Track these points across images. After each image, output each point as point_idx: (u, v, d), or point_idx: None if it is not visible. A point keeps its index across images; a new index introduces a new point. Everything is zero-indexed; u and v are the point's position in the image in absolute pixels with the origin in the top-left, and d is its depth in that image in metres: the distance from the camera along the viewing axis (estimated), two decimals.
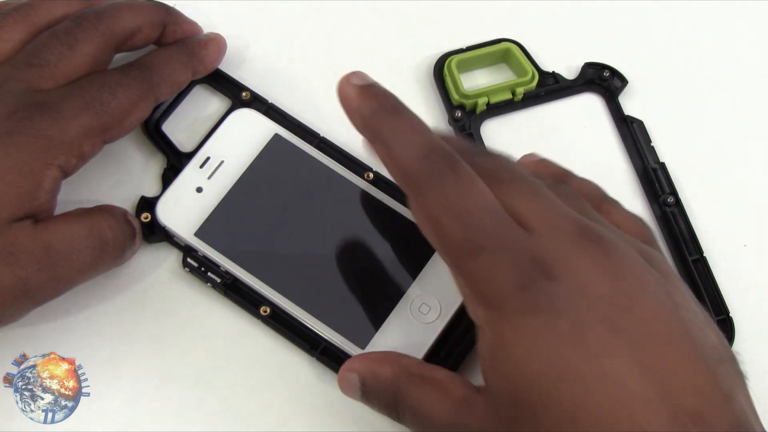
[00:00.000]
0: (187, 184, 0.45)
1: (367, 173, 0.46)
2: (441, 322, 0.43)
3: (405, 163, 0.36)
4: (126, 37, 0.44)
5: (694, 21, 0.52)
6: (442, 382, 0.38)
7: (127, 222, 0.43)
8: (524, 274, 0.34)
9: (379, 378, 0.39)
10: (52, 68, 0.41)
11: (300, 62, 0.50)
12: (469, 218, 0.35)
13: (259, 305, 0.44)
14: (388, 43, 0.51)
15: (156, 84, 0.44)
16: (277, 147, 0.46)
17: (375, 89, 0.37)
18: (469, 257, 0.35)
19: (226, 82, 0.48)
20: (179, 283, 0.45)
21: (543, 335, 0.34)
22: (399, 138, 0.36)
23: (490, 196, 0.36)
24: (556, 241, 0.35)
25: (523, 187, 0.37)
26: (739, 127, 0.50)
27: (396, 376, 0.38)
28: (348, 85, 0.37)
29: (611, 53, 0.50)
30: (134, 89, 0.42)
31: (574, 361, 0.33)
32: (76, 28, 0.43)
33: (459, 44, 0.49)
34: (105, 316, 0.45)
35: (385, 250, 0.45)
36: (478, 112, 0.48)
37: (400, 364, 0.39)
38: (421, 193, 0.36)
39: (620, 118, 0.49)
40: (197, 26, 0.47)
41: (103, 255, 0.42)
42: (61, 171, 0.40)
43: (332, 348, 0.43)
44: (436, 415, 0.37)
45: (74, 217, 0.41)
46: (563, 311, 0.34)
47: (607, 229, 0.36)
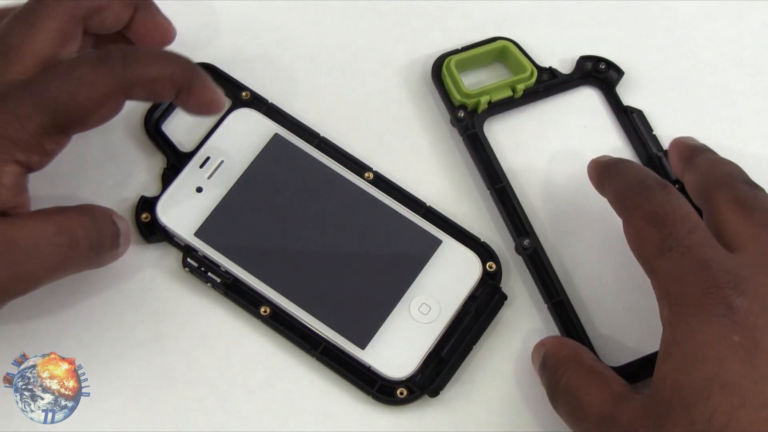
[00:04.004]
0: (187, 184, 0.45)
1: (367, 173, 0.46)
2: (441, 322, 0.43)
3: (623, 187, 0.41)
4: (93, 10, 0.42)
5: (686, 6, 0.52)
6: (607, 376, 0.39)
7: (111, 222, 0.42)
8: (710, 279, 0.36)
9: (557, 356, 0.41)
10: (16, 51, 0.40)
11: (300, 62, 0.50)
12: (665, 222, 0.38)
13: (259, 305, 0.44)
14: (385, 44, 0.50)
15: (129, 84, 0.40)
16: (277, 147, 0.46)
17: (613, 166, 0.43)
18: (660, 257, 0.38)
19: (226, 82, 0.48)
20: (179, 283, 0.45)
21: (716, 342, 0.35)
22: (620, 171, 0.42)
23: (691, 209, 0.39)
24: (753, 261, 0.37)
25: (733, 205, 0.39)
26: (739, 110, 0.50)
27: (569, 358, 0.40)
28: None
29: (605, 45, 0.50)
30: (99, 90, 0.39)
31: (740, 378, 0.35)
32: (38, 5, 0.41)
33: (451, 45, 0.49)
34: (105, 316, 0.45)
35: (385, 250, 0.45)
36: (479, 111, 0.48)
37: (577, 351, 0.41)
38: (630, 207, 0.40)
39: (620, 109, 0.49)
40: (170, 24, 0.46)
41: (71, 254, 0.40)
42: (21, 167, 0.39)
43: (332, 348, 0.43)
44: (590, 404, 0.38)
45: (44, 215, 0.40)
46: (741, 326, 0.35)
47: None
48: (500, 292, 0.44)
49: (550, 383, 0.41)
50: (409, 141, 0.48)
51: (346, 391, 0.44)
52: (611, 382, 0.39)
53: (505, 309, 0.45)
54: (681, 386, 0.35)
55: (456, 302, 0.44)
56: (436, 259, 0.44)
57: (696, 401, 0.35)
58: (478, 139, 0.47)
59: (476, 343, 0.44)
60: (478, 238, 0.45)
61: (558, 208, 0.47)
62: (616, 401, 0.38)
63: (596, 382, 0.39)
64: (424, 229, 0.45)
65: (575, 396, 0.39)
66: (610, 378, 0.39)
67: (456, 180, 0.47)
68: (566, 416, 0.40)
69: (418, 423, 0.43)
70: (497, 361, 0.44)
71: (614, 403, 0.38)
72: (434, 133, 0.49)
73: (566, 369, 0.40)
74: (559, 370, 0.40)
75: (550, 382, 0.41)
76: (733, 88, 0.50)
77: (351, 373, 0.43)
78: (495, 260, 0.45)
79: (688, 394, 0.35)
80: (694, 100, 0.50)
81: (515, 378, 0.44)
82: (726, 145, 0.45)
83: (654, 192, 0.39)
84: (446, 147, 0.48)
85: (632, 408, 0.37)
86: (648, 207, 0.39)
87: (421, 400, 0.43)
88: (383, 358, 0.43)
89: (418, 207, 0.46)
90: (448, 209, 0.46)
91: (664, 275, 0.37)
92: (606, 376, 0.39)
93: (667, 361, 0.36)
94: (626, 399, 0.37)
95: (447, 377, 0.43)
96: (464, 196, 0.47)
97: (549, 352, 0.42)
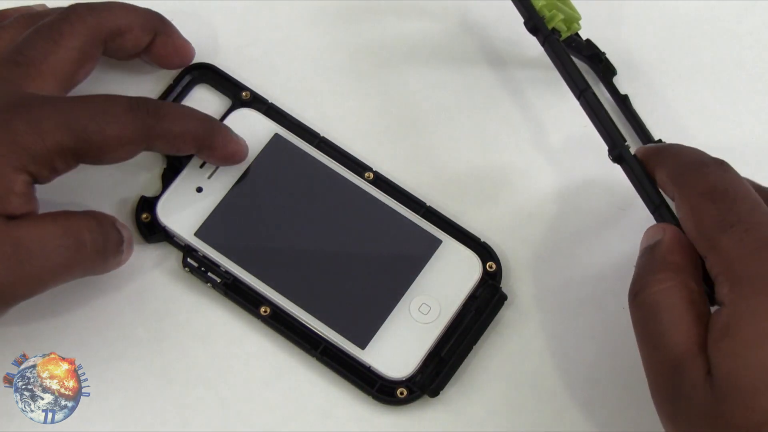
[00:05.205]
0: (187, 184, 0.45)
1: (367, 173, 0.46)
2: (441, 322, 0.43)
3: (678, 165, 0.39)
4: (114, 33, 0.43)
5: (686, 6, 0.51)
6: (701, 317, 0.36)
7: (115, 229, 0.42)
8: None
9: (666, 258, 0.38)
10: (37, 66, 0.41)
11: (300, 62, 0.50)
12: (725, 198, 0.37)
13: (259, 305, 0.44)
14: (384, 44, 0.50)
15: (155, 136, 0.41)
16: (277, 147, 0.46)
17: None
18: (721, 233, 0.36)
19: (226, 82, 0.48)
20: (179, 283, 0.45)
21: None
22: (673, 150, 0.40)
23: (749, 187, 0.38)
24: None
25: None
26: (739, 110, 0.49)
27: (678, 269, 0.37)
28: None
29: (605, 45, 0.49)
30: (128, 132, 0.40)
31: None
32: (61, 21, 0.42)
33: None
34: (105, 316, 0.45)
35: (385, 249, 0.45)
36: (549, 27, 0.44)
37: (689, 268, 0.38)
38: (687, 183, 0.38)
39: (618, 98, 0.48)
40: (190, 45, 0.47)
41: (78, 257, 0.40)
42: (32, 177, 0.39)
43: (332, 348, 0.43)
44: (669, 340, 0.36)
45: (51, 217, 0.40)
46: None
47: None
48: (500, 292, 0.44)
49: (641, 280, 0.38)
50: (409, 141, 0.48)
51: (346, 391, 0.44)
52: (700, 326, 0.36)
53: (505, 309, 0.45)
54: (739, 371, 0.34)
55: (456, 302, 0.44)
56: (436, 259, 0.44)
57: (754, 390, 0.33)
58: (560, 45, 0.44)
59: (476, 343, 0.44)
60: (478, 238, 0.45)
61: None
62: (692, 353, 0.36)
63: (689, 317, 0.36)
64: (424, 229, 0.45)
65: (659, 319, 0.37)
66: (702, 320, 0.36)
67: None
68: (636, 324, 0.38)
69: (418, 423, 0.43)
70: (497, 361, 0.44)
71: (690, 354, 0.36)
72: None
73: (666, 281, 0.37)
74: (660, 274, 0.38)
75: (643, 280, 0.38)
76: (733, 88, 0.50)
77: (351, 373, 0.43)
78: (495, 260, 0.45)
79: (746, 381, 0.34)
80: (694, 100, 0.50)
81: (515, 378, 0.44)
82: (726, 145, 0.45)
83: (711, 168, 0.38)
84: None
85: (698, 371, 0.35)
86: (706, 183, 0.38)
87: (421, 400, 0.43)
88: (383, 358, 0.43)
89: (418, 207, 0.46)
90: (448, 209, 0.46)
91: (726, 252, 0.36)
92: (700, 316, 0.36)
93: (725, 340, 0.35)
94: (698, 356, 0.35)
95: (447, 377, 0.43)
96: (464, 194, 0.47)
97: (664, 247, 0.38)
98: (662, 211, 0.40)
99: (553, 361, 0.44)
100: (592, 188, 0.45)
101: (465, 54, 0.50)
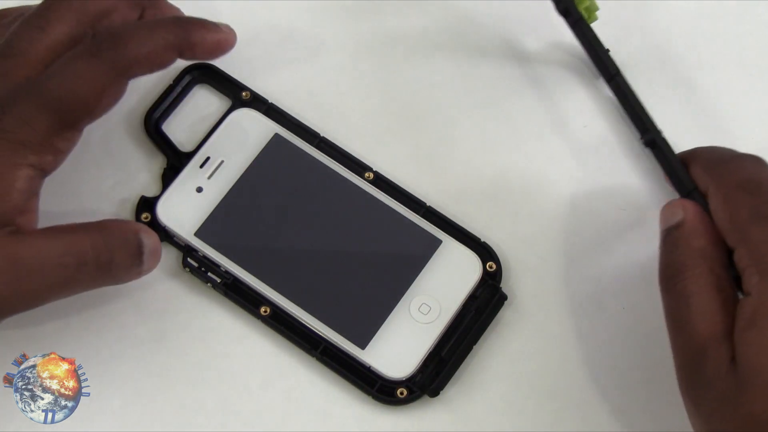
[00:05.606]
0: (187, 184, 0.46)
1: (367, 173, 0.46)
2: (441, 322, 0.43)
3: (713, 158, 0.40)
4: (101, 14, 0.42)
5: (686, 6, 0.51)
6: (727, 302, 0.36)
7: (130, 241, 0.41)
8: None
9: (689, 243, 0.38)
10: (26, 56, 0.40)
11: (300, 62, 0.50)
12: (760, 190, 0.37)
13: (259, 305, 0.44)
14: (384, 44, 0.50)
15: (128, 66, 0.40)
16: (277, 147, 0.46)
17: None
18: (754, 224, 0.36)
19: (226, 81, 0.48)
20: (179, 283, 0.45)
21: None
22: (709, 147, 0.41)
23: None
24: None
25: None
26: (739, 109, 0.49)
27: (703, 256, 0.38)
28: None
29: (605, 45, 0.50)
30: (98, 81, 0.40)
31: None
32: (47, 9, 0.41)
33: None
34: (105, 316, 0.45)
35: (385, 249, 0.45)
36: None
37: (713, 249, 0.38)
38: (723, 174, 0.38)
39: None
40: (177, 11, 0.46)
41: (78, 276, 0.39)
42: (36, 170, 0.39)
43: (332, 348, 0.43)
44: (696, 326, 0.36)
45: (54, 232, 0.39)
46: None
47: None
48: (500, 292, 0.44)
49: (671, 268, 0.38)
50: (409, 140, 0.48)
51: (346, 391, 0.44)
52: (725, 314, 0.36)
53: (505, 309, 0.45)
54: (762, 362, 0.34)
55: (456, 302, 0.44)
56: (436, 259, 0.44)
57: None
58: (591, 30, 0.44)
59: (476, 343, 0.44)
60: (478, 238, 0.45)
61: None
62: (716, 340, 0.36)
63: (715, 304, 0.36)
64: (424, 229, 0.45)
65: (686, 305, 0.37)
66: (728, 307, 0.36)
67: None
68: (666, 310, 0.38)
69: (418, 423, 0.43)
70: (497, 361, 0.44)
71: (714, 340, 0.36)
72: None
73: (693, 267, 0.37)
74: (688, 261, 0.38)
75: (672, 268, 0.38)
76: (733, 88, 0.50)
77: (351, 373, 0.43)
78: (495, 260, 0.45)
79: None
80: (693, 100, 0.50)
81: (515, 378, 0.44)
82: (725, 146, 0.45)
83: (746, 161, 0.39)
84: None
85: (722, 357, 0.35)
86: (742, 174, 0.38)
87: (421, 400, 0.43)
88: (383, 358, 0.43)
89: (418, 207, 0.46)
90: (448, 209, 0.46)
91: (758, 243, 0.36)
92: (725, 303, 0.36)
93: (751, 330, 0.35)
94: (723, 343, 0.36)
95: (447, 377, 0.43)
96: (464, 194, 0.47)
97: (687, 229, 0.38)
98: (695, 196, 0.40)
99: (553, 361, 0.44)
100: (593, 188, 0.45)
101: (465, 54, 0.50)
